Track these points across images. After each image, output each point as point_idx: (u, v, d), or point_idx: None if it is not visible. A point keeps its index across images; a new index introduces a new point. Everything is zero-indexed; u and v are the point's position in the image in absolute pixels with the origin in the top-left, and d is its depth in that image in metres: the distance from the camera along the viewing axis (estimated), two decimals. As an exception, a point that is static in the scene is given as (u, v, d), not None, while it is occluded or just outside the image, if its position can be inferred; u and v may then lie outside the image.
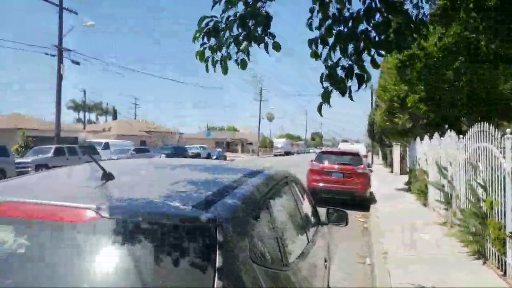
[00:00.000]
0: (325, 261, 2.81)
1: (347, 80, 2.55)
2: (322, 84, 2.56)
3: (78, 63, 21.07)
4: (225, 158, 34.87)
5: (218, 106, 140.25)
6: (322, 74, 2.57)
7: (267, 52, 2.71)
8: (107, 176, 1.63)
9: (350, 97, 2.59)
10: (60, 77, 20.12)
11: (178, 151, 28.87)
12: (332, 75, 2.51)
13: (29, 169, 15.67)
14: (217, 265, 1.18)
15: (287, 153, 58.29)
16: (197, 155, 31.69)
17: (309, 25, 2.73)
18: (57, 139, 20.37)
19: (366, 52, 2.54)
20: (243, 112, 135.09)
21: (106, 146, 26.88)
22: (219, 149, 40.63)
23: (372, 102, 28.18)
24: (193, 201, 1.43)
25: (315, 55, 2.64)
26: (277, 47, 2.74)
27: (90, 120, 60.16)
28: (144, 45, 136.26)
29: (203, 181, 1.93)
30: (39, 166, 16.14)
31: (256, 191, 1.78)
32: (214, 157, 33.26)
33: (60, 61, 20.03)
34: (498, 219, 4.98)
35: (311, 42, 2.64)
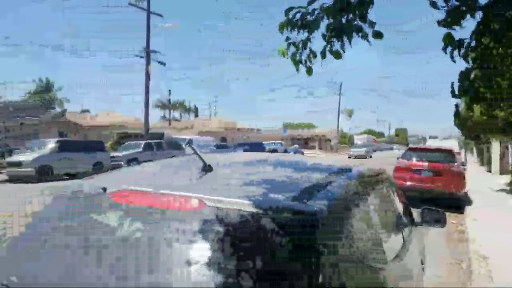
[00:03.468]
0: (422, 263, 2.67)
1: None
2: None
3: (164, 64, 22.60)
4: (302, 154, 34.66)
5: (296, 102, 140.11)
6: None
7: (368, 41, 2.54)
8: (208, 168, 1.74)
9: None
10: (148, 77, 21.78)
11: (255, 148, 29.40)
12: None
13: (122, 162, 17.28)
14: (318, 258, 1.19)
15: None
16: (274, 151, 31.98)
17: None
18: (146, 135, 22.12)
19: None
20: (321, 107, 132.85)
21: (190, 142, 28.42)
22: (296, 146, 40.44)
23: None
24: (289, 194, 1.45)
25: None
26: (378, 35, 2.55)
27: (174, 118, 64.34)
28: (222, 43, 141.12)
29: (295, 176, 1.94)
30: (130, 160, 17.69)
31: (349, 188, 1.76)
32: (291, 154, 33.24)
33: (148, 62, 21.67)
34: None
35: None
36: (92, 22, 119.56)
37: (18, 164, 14.69)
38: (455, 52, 2.39)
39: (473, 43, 2.34)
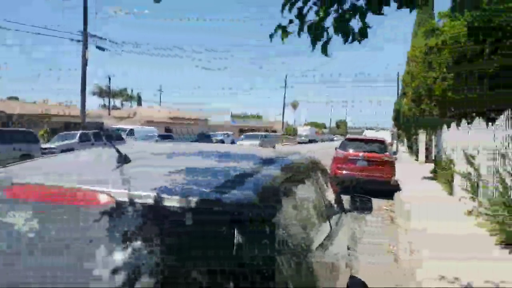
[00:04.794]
0: (348, 248, 2.76)
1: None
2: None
3: (103, 49, 21.47)
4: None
5: (243, 94, 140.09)
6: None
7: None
8: (124, 159, 1.60)
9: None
10: (84, 63, 20.55)
11: (202, 138, 29.14)
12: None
13: (55, 154, 16.20)
14: (237, 250, 1.16)
15: (311, 141, 57.86)
16: (221, 142, 31.91)
17: None
18: (83, 124, 20.96)
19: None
20: (267, 99, 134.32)
21: (131, 132, 27.35)
22: (243, 136, 40.69)
23: (398, 90, 27.44)
24: (208, 185, 1.39)
25: None
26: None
27: (115, 106, 61.39)
28: (171, 32, 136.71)
29: (223, 166, 1.87)
30: (64, 152, 16.62)
31: (277, 176, 1.73)
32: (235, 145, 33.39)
33: (85, 46, 20.42)
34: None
35: None
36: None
37: None
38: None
39: None
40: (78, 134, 18.27)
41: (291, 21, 2.38)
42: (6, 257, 1.22)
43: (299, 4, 2.33)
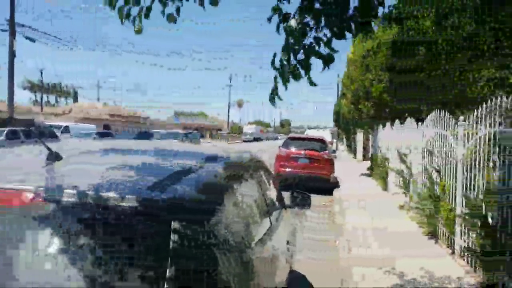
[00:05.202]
0: (288, 243, 2.81)
1: (307, 60, 2.37)
2: (273, 64, 2.34)
3: (33, 40, 19.89)
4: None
5: (187, 92, 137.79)
6: (275, 54, 2.35)
7: (203, 6, 2.47)
8: (54, 157, 1.54)
9: (310, 81, 2.42)
10: (12, 54, 18.90)
11: (143, 136, 28.15)
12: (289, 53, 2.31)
13: None
14: (171, 250, 1.13)
15: (256, 139, 58.58)
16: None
17: None
18: (11, 121, 19.26)
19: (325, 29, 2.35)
20: (213, 98, 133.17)
21: (66, 129, 25.76)
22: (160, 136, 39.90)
23: (338, 92, 28.70)
24: (145, 182, 1.37)
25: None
26: (214, 1, 2.49)
27: (49, 102, 57.17)
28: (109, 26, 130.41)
29: (158, 164, 1.83)
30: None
31: (216, 175, 1.73)
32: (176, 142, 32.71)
33: (13, 36, 18.77)
34: (449, 202, 5.22)
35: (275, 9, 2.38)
36: None
37: None
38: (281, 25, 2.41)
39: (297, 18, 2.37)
40: (5, 131, 16.73)
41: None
42: None
43: None
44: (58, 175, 1.44)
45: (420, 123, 7.39)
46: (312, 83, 2.48)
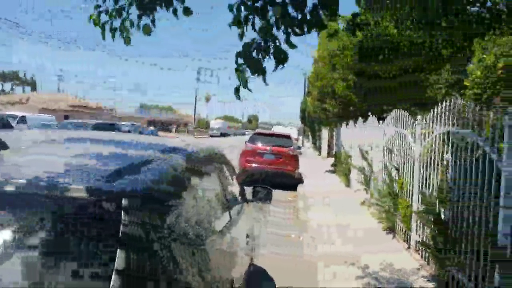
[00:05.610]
0: (247, 237, 2.82)
1: (263, 60, 2.42)
2: (237, 63, 2.39)
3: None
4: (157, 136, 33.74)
5: (154, 84, 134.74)
6: (237, 52, 2.39)
7: (176, 16, 2.57)
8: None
9: (264, 80, 2.48)
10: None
11: (104, 128, 27.18)
12: (246, 53, 2.35)
13: None
14: (121, 242, 1.10)
15: (223, 135, 58.26)
16: (128, 133, 30.18)
17: None
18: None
19: (282, 29, 2.39)
20: (180, 91, 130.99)
21: (23, 119, 24.38)
22: (152, 128, 39.12)
23: (305, 89, 29.07)
24: (95, 174, 1.34)
25: (239, 23, 2.41)
26: (187, 11, 2.60)
27: (3, 91, 54.02)
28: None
29: (114, 155, 1.79)
30: None
31: (174, 167, 1.72)
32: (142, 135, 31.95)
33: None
34: (407, 199, 5.44)
35: (232, 7, 2.43)
36: None
37: None
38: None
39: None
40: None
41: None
42: None
43: None
44: (3, 164, 1.40)
45: (381, 122, 7.63)
46: (265, 82, 2.54)
